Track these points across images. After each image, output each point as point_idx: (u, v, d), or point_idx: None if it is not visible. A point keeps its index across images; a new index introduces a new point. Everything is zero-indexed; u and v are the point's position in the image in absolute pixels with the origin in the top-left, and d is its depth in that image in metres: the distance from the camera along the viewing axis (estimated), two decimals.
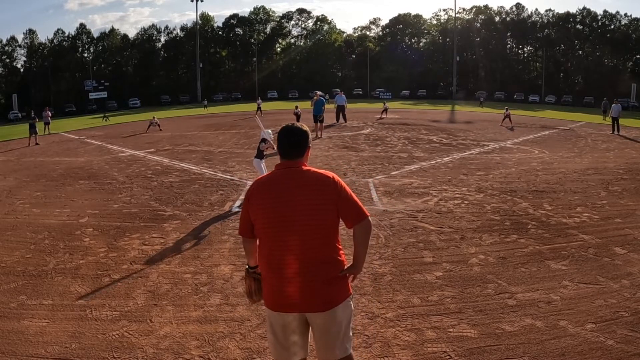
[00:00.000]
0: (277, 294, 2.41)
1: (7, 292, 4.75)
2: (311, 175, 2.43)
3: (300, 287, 2.36)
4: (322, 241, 2.39)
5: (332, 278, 2.40)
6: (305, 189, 2.38)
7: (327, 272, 2.39)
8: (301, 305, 2.38)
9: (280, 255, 2.37)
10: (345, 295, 2.45)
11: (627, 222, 6.70)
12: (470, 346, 3.55)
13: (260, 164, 8.55)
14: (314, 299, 2.37)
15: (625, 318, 3.90)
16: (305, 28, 75.46)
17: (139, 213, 7.66)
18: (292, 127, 2.52)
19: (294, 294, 2.37)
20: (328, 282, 2.39)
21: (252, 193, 2.47)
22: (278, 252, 2.37)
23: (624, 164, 11.85)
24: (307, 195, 2.36)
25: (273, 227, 2.37)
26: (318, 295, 2.37)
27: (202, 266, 5.30)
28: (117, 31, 70.47)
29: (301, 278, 2.35)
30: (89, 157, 14.60)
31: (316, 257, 2.36)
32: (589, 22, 65.02)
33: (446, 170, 10.89)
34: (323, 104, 18.08)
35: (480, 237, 6.07)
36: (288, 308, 2.40)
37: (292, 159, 2.46)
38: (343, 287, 2.45)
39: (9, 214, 7.97)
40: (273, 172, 2.50)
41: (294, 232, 2.34)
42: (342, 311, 2.43)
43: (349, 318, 2.48)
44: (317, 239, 2.37)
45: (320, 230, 2.37)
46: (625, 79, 56.00)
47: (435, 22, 74.75)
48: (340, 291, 2.43)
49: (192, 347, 3.65)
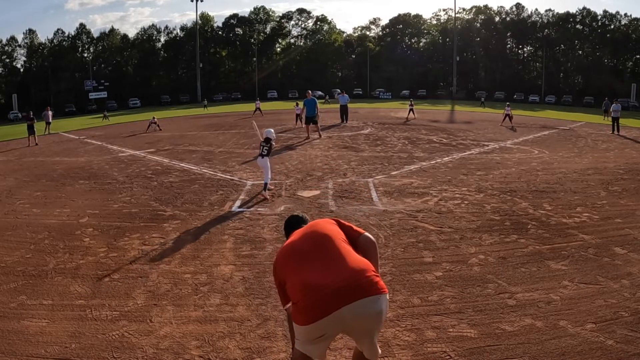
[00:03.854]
0: (323, 298, 2.37)
1: (7, 292, 4.75)
2: (314, 224, 2.81)
3: (352, 276, 2.42)
4: (348, 249, 2.60)
5: (372, 273, 2.50)
6: (317, 228, 2.74)
7: (366, 268, 2.49)
8: (358, 291, 2.39)
9: (318, 269, 2.48)
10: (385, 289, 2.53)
11: (627, 222, 6.70)
12: (470, 346, 3.55)
13: (267, 162, 8.56)
14: (369, 284, 2.42)
15: (625, 318, 3.90)
16: (305, 28, 75.50)
17: (139, 213, 7.66)
18: (294, 217, 3.02)
19: (345, 285, 2.39)
20: (373, 274, 2.48)
21: (277, 258, 2.73)
22: (314, 271, 2.49)
23: (624, 164, 11.85)
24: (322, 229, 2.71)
25: (300, 260, 2.56)
26: (370, 281, 2.44)
27: (202, 266, 5.30)
28: (117, 31, 70.58)
29: (350, 272, 2.45)
30: (89, 157, 14.59)
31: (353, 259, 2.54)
32: (589, 22, 65.01)
33: (446, 170, 10.89)
34: (315, 104, 17.24)
35: (480, 237, 6.07)
36: (339, 303, 2.35)
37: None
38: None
39: (9, 214, 7.97)
40: (292, 238, 2.77)
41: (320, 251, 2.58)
42: (387, 302, 2.51)
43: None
44: (343, 247, 2.59)
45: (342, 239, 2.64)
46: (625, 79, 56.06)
47: (435, 22, 74.81)
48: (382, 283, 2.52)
49: (192, 347, 3.65)
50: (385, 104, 44.79)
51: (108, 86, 60.71)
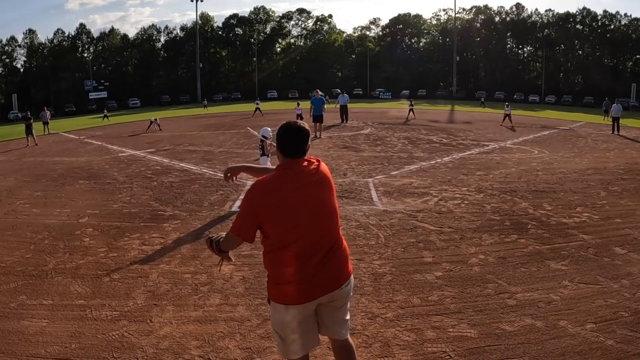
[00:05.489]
0: (305, 285, 2.41)
1: (7, 292, 4.75)
2: (315, 167, 2.48)
3: (324, 272, 2.44)
4: (335, 227, 2.54)
5: (344, 257, 2.56)
6: (317, 182, 2.45)
7: (340, 254, 2.53)
8: (334, 283, 2.48)
9: (305, 248, 2.40)
10: (351, 269, 2.63)
11: (627, 222, 6.70)
12: (470, 346, 3.55)
13: (267, 162, 8.54)
14: (341, 274, 2.52)
15: (625, 318, 3.90)
16: (305, 28, 75.50)
17: (139, 213, 7.66)
18: (295, 126, 2.47)
19: (319, 280, 2.43)
20: (343, 260, 2.55)
21: (261, 196, 2.41)
22: (302, 247, 2.40)
23: (624, 164, 11.85)
24: (320, 187, 2.46)
25: (295, 224, 2.38)
26: (339, 272, 2.51)
27: (202, 266, 5.30)
28: (117, 31, 70.58)
29: (324, 265, 2.44)
30: (89, 157, 14.59)
31: (336, 240, 2.52)
32: (589, 22, 65.01)
33: (446, 170, 10.89)
34: (323, 103, 18.00)
35: (480, 237, 6.07)
36: (316, 293, 2.43)
37: (296, 157, 2.44)
38: (349, 262, 2.63)
39: (9, 214, 7.97)
40: (279, 173, 2.44)
41: (315, 224, 2.42)
42: (352, 283, 2.62)
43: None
44: (333, 225, 2.51)
45: (333, 217, 2.52)
46: (625, 79, 56.05)
47: (435, 22, 74.80)
48: (349, 266, 2.61)
49: (192, 347, 3.64)
50: (386, 104, 44.80)
51: (108, 86, 60.77)
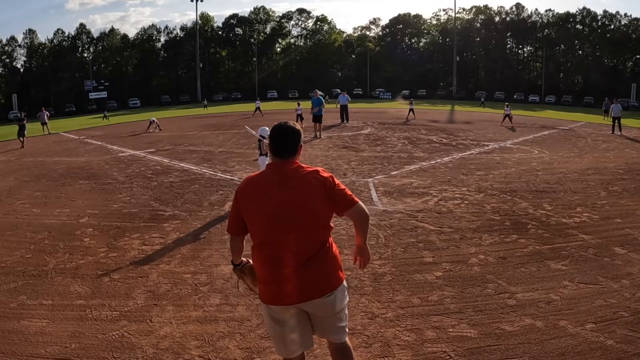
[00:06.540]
0: (275, 289, 2.40)
1: (7, 292, 4.75)
2: (303, 172, 2.42)
3: (298, 280, 2.36)
4: (316, 237, 2.41)
5: (327, 267, 2.43)
6: (299, 187, 2.38)
7: (322, 264, 2.41)
8: (300, 295, 2.38)
9: (277, 252, 2.36)
10: (340, 281, 2.49)
11: (627, 222, 6.70)
12: (470, 346, 3.55)
13: (266, 162, 8.54)
14: (314, 287, 2.38)
15: (625, 318, 3.90)
16: (305, 28, 75.48)
17: (139, 213, 7.66)
18: (284, 126, 2.48)
19: (292, 288, 2.37)
20: (324, 271, 2.42)
21: (244, 191, 2.45)
22: (274, 250, 2.37)
23: (624, 164, 11.84)
24: (301, 192, 2.37)
25: (268, 225, 2.37)
26: (316, 282, 2.39)
27: (202, 266, 5.30)
28: (117, 31, 70.56)
29: (299, 273, 2.36)
30: (89, 157, 14.59)
31: (312, 252, 2.38)
32: (589, 22, 65.01)
33: (446, 170, 10.89)
34: (322, 103, 18.02)
35: (480, 237, 6.07)
36: (287, 300, 2.39)
37: (284, 158, 2.44)
38: (337, 273, 2.48)
39: (9, 214, 7.97)
40: (266, 171, 2.48)
41: (290, 229, 2.35)
42: (341, 294, 2.47)
43: (345, 303, 2.54)
44: (312, 234, 2.39)
45: (314, 225, 2.39)
46: (625, 79, 56.06)
47: (435, 22, 74.77)
48: (335, 277, 2.46)
49: (192, 347, 3.64)
50: (386, 104, 44.80)
51: (108, 86, 60.76)
